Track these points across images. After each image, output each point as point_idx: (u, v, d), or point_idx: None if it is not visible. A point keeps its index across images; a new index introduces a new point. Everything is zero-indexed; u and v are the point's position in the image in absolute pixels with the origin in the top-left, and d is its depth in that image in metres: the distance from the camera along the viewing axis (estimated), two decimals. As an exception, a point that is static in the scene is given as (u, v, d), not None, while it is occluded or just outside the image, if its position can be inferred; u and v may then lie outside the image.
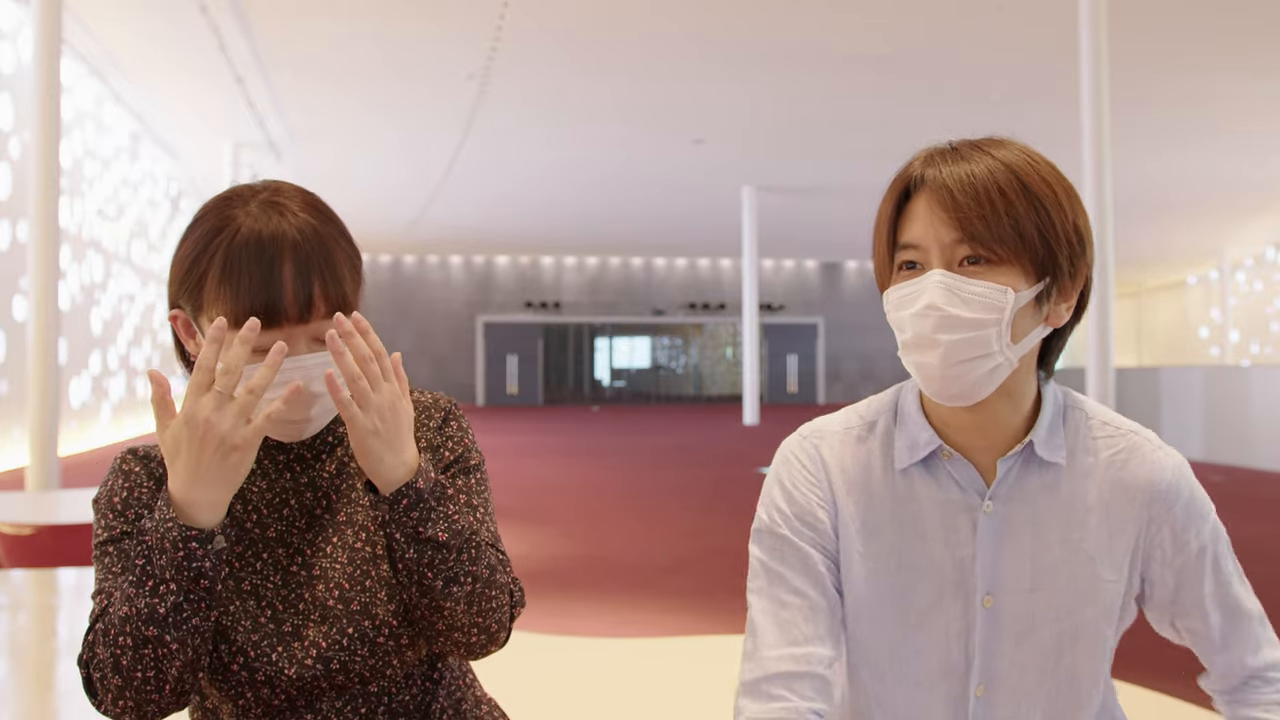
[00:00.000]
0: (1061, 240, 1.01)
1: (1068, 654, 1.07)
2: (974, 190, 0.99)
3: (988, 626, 1.07)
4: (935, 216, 1.01)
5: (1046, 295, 1.02)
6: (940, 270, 1.00)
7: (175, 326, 1.13)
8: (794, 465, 1.12)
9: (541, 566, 5.60)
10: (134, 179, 16.09)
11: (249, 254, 1.04)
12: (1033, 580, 1.06)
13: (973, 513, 1.07)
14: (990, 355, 1.00)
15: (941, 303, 0.99)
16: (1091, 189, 8.42)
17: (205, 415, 0.97)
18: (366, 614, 1.08)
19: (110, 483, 1.12)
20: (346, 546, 1.12)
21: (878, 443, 1.11)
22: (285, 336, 1.05)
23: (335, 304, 1.07)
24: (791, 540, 1.09)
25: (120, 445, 13.74)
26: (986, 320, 0.99)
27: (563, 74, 12.26)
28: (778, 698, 1.02)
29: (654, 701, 2.20)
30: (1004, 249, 0.99)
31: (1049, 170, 1.04)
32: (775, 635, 1.05)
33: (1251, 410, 11.61)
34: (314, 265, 1.06)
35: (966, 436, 1.07)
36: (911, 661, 1.08)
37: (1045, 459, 1.06)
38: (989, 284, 0.99)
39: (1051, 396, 1.09)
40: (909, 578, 1.08)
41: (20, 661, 2.42)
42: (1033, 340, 1.04)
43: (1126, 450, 1.09)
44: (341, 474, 1.16)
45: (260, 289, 1.04)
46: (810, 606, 1.07)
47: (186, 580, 0.98)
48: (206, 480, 0.98)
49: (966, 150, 1.04)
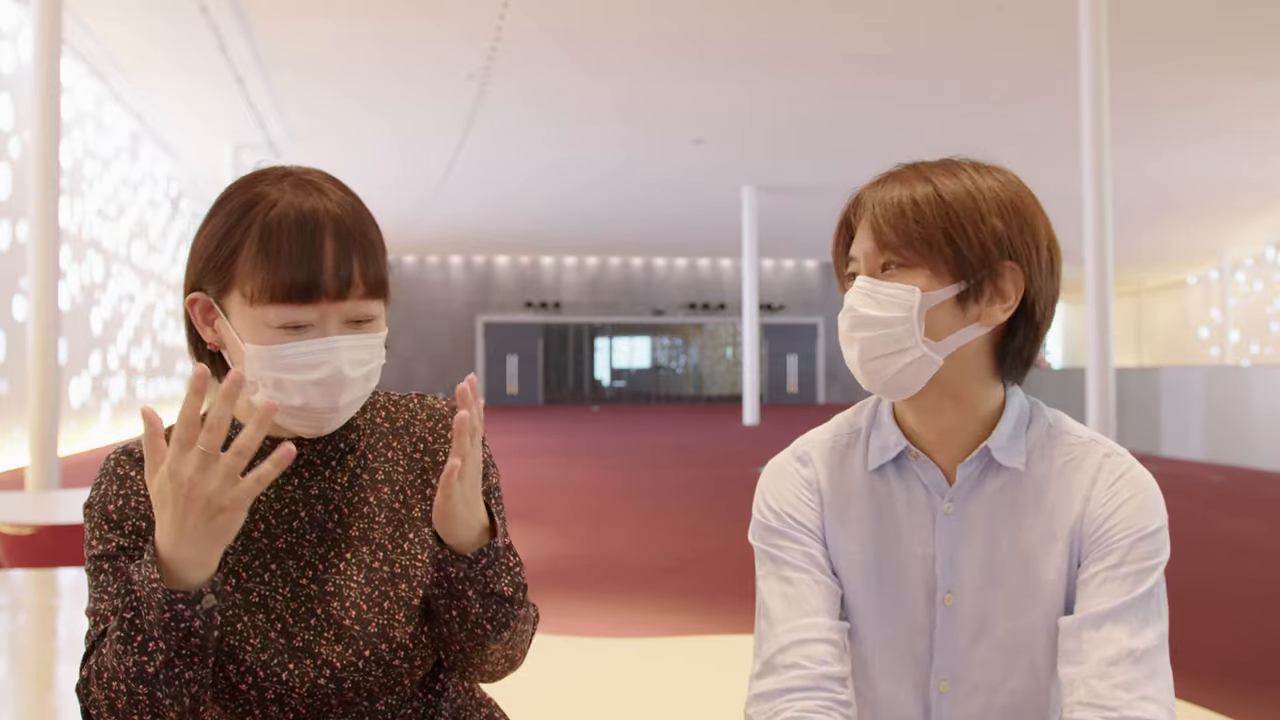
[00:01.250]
0: (973, 242, 1.07)
1: (1026, 652, 1.10)
2: (891, 205, 1.10)
3: (946, 624, 1.12)
4: (864, 232, 1.12)
5: (973, 296, 1.08)
6: (863, 276, 1.11)
7: (192, 312, 1.07)
8: (785, 473, 1.20)
9: (541, 566, 5.60)
10: (134, 179, 16.09)
11: (289, 225, 1.00)
12: (986, 579, 1.11)
13: (935, 513, 1.13)
14: (904, 350, 1.08)
15: (857, 305, 1.10)
16: (1091, 189, 8.42)
17: (189, 474, 0.90)
18: (384, 637, 1.06)
19: (104, 488, 1.06)
20: (363, 565, 1.08)
21: (860, 447, 1.18)
22: (320, 313, 1.01)
23: (373, 284, 1.04)
24: (786, 531, 1.16)
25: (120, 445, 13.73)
26: (895, 318, 1.08)
27: (562, 74, 12.26)
28: (792, 666, 1.07)
29: (654, 702, 2.20)
30: (911, 253, 1.08)
31: (987, 185, 1.09)
32: (785, 610, 1.11)
33: (1251, 410, 11.60)
34: (354, 242, 1.03)
35: (928, 439, 1.14)
36: (884, 652, 1.14)
37: (1003, 464, 1.11)
38: (898, 285, 1.08)
39: (1017, 404, 1.14)
40: (884, 573, 1.14)
41: (20, 661, 2.42)
42: (963, 339, 1.09)
43: (1079, 458, 1.12)
44: (354, 486, 1.12)
45: (301, 261, 0.99)
46: (815, 581, 1.13)
47: (176, 640, 0.93)
48: (192, 540, 0.92)
49: (906, 174, 1.12)
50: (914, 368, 1.08)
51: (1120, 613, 1.03)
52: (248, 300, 1.01)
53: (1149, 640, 1.02)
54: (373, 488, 1.12)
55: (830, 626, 1.10)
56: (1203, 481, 9.97)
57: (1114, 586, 1.05)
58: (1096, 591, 1.05)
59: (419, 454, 1.16)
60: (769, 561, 1.15)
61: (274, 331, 1.01)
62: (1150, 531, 1.07)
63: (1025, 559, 1.10)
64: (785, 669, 1.07)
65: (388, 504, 1.12)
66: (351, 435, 1.13)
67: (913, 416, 1.14)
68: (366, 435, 1.15)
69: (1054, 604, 1.10)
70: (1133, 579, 1.05)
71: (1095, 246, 8.40)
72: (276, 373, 1.01)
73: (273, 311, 1.00)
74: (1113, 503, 1.08)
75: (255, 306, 1.00)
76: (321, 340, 1.01)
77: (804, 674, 1.06)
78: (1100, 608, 1.04)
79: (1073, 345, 33.81)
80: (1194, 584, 5.10)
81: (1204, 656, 3.92)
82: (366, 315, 1.04)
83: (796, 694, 1.05)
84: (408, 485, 1.14)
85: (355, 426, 1.14)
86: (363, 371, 1.04)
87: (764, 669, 1.09)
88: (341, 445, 1.12)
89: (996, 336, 1.11)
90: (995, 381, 1.13)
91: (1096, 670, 1.01)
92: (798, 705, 1.05)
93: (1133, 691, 0.99)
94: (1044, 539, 1.10)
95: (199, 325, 1.07)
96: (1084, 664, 1.02)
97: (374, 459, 1.14)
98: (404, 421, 1.17)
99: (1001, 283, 1.09)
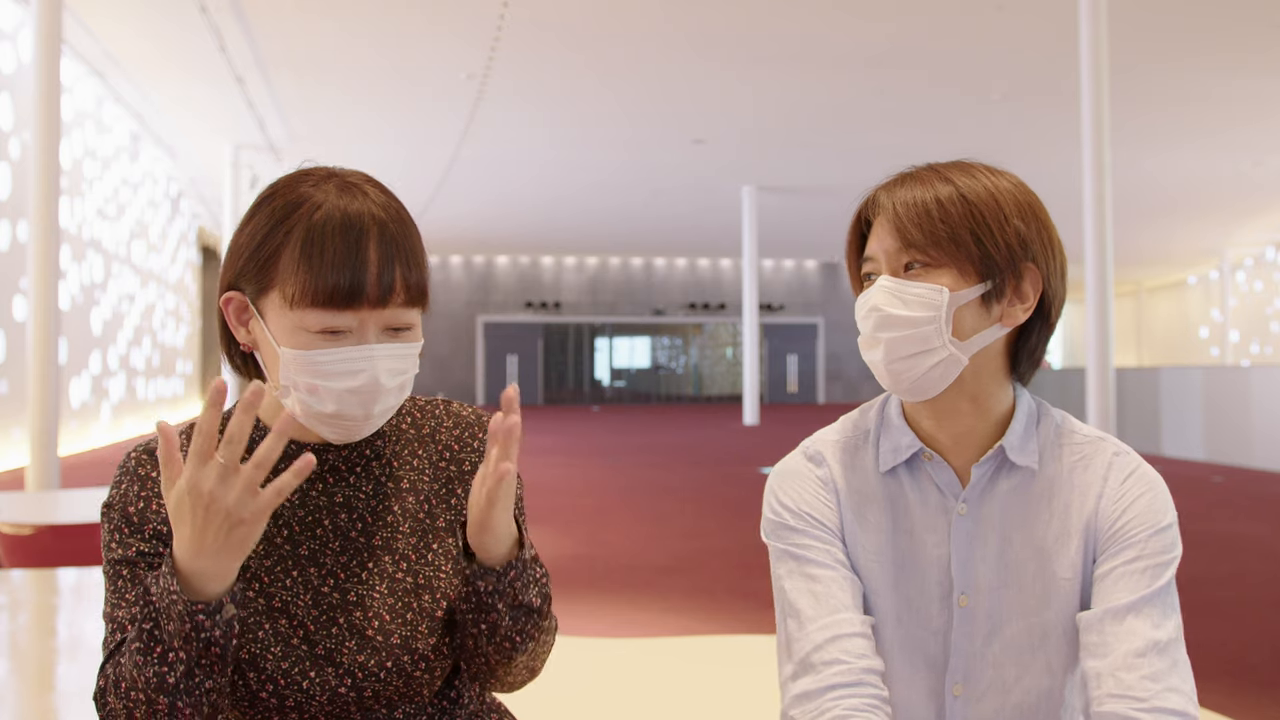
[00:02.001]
0: (999, 241, 1.08)
1: (1041, 650, 1.11)
2: (914, 205, 1.10)
3: (962, 625, 1.12)
4: (884, 231, 1.12)
5: (995, 296, 1.09)
6: (886, 276, 1.11)
7: (226, 311, 1.05)
8: (799, 472, 1.18)
9: (541, 566, 5.60)
10: (134, 179, 16.10)
11: (333, 229, 0.99)
12: (1000, 578, 1.11)
13: (949, 514, 1.13)
14: (932, 350, 1.08)
15: (882, 304, 1.09)
16: (1091, 188, 8.42)
17: (209, 488, 0.88)
18: (407, 648, 1.05)
19: (124, 488, 1.04)
20: (385, 575, 1.07)
21: (871, 448, 1.17)
22: (360, 320, 0.99)
23: (414, 292, 1.03)
24: (807, 530, 1.14)
25: (120, 446, 13.74)
26: (924, 318, 1.07)
27: (562, 74, 12.26)
28: (832, 662, 1.06)
29: (654, 702, 2.20)
30: (938, 252, 1.08)
31: (1003, 186, 1.11)
32: (815, 608, 1.09)
33: (1251, 410, 11.60)
34: (398, 249, 1.01)
35: (943, 440, 1.14)
36: (898, 655, 1.13)
37: (1017, 463, 1.12)
38: (926, 284, 1.08)
39: (1026, 403, 1.15)
40: (898, 575, 1.13)
41: (20, 661, 2.42)
42: (987, 339, 1.10)
43: (1089, 456, 1.13)
44: (379, 494, 1.10)
45: (344, 265, 0.98)
46: (842, 578, 1.11)
47: (196, 650, 0.92)
48: (211, 552, 0.91)
49: (924, 174, 1.13)
50: (941, 368, 1.08)
51: (1140, 606, 1.04)
52: (287, 303, 1.00)
53: (1169, 632, 1.04)
54: (397, 496, 1.11)
55: (862, 621, 1.09)
56: (1203, 481, 9.97)
57: (1133, 580, 1.06)
58: (1115, 586, 1.06)
59: (445, 463, 1.14)
60: (790, 560, 1.13)
61: (312, 336, 0.99)
62: (1164, 526, 1.09)
63: (1039, 557, 1.11)
64: (825, 666, 1.06)
65: (412, 514, 1.11)
66: (378, 441, 1.12)
67: (929, 417, 1.14)
68: (392, 442, 1.13)
69: (1068, 601, 1.10)
70: (1151, 573, 1.06)
71: (1095, 246, 8.40)
72: (311, 379, 1.00)
73: (312, 315, 0.99)
74: (1126, 499, 1.10)
75: (295, 310, 0.99)
76: (359, 348, 0.99)
77: (846, 669, 1.05)
78: (1121, 601, 1.05)
79: (1073, 345, 33.81)
80: (1195, 584, 5.09)
81: (1208, 656, 3.91)
82: (405, 323, 1.03)
83: (840, 690, 1.04)
84: (433, 495, 1.13)
85: (381, 433, 1.12)
86: (398, 381, 1.03)
87: (800, 669, 1.07)
88: (367, 452, 1.11)
89: (1011, 337, 1.13)
90: (1008, 382, 1.14)
91: (1123, 662, 1.02)
92: (845, 703, 1.03)
93: (1160, 682, 1.01)
94: (1058, 537, 1.11)
95: (233, 325, 1.05)
96: (1109, 657, 1.03)
97: (399, 466, 1.12)
98: (430, 429, 1.15)
99: (1023, 284, 1.10)
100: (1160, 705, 0.99)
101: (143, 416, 16.51)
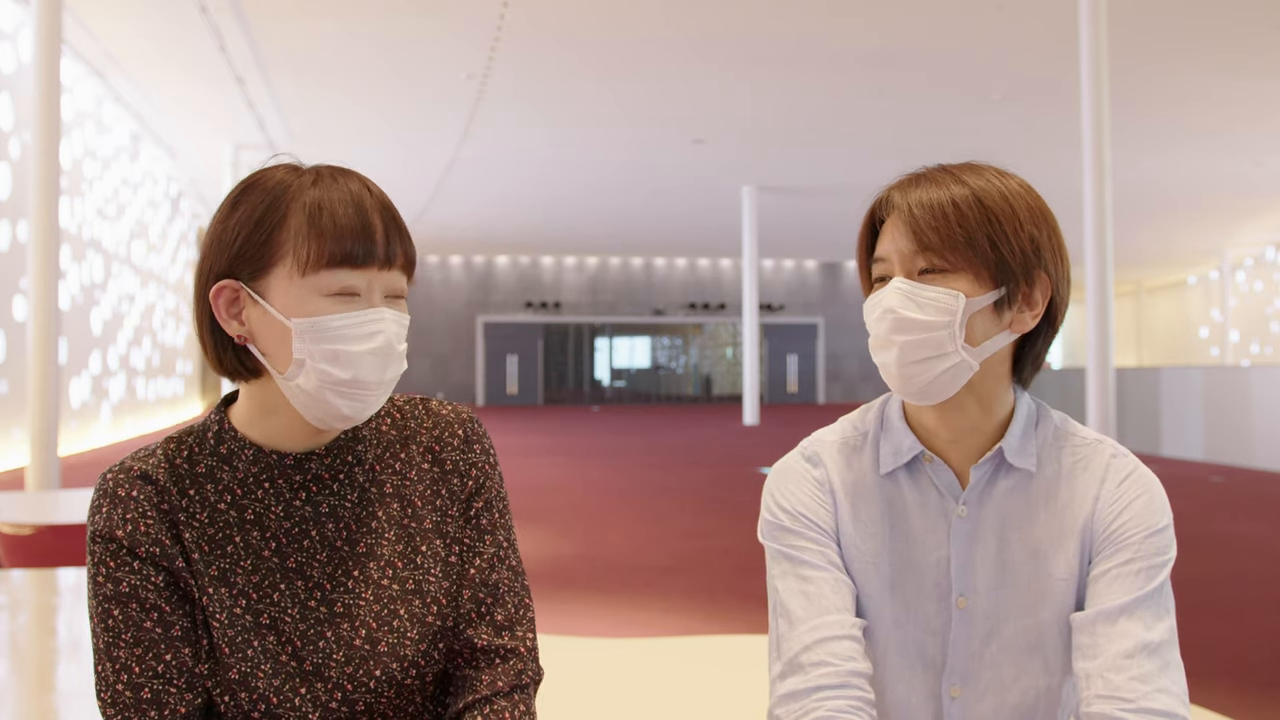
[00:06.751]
0: (1015, 249, 1.08)
1: (1038, 651, 1.11)
2: (930, 207, 1.09)
3: (961, 626, 1.12)
4: (898, 232, 1.11)
5: (1007, 303, 1.09)
6: (900, 278, 1.09)
7: (216, 302, 1.02)
8: (795, 473, 1.18)
9: (541, 566, 5.60)
10: (134, 179, 16.10)
11: (338, 196, 1.02)
12: (998, 579, 1.12)
13: (949, 516, 1.13)
14: (945, 355, 1.07)
15: (897, 306, 1.08)
16: (1091, 189, 8.42)
17: None
18: (395, 655, 1.05)
19: (106, 512, 1.01)
20: (371, 583, 1.07)
21: (870, 450, 1.17)
22: (368, 281, 1.01)
23: (408, 260, 1.06)
24: (802, 531, 1.15)
25: (121, 446, 13.74)
26: (938, 322, 1.07)
27: (562, 74, 12.26)
28: (819, 664, 1.06)
29: (653, 702, 2.20)
30: (955, 256, 1.07)
31: (1015, 190, 1.11)
32: (806, 609, 1.10)
33: (1251, 410, 11.60)
34: (392, 217, 1.04)
35: (945, 442, 1.14)
36: (896, 657, 1.14)
37: (1015, 465, 1.12)
38: (942, 289, 1.07)
39: (1025, 405, 1.16)
40: (896, 577, 1.14)
41: (20, 661, 2.42)
42: (996, 345, 1.10)
43: (1087, 458, 1.14)
44: (363, 502, 1.09)
45: (356, 226, 1.00)
46: (834, 580, 1.12)
47: None
48: None
49: (937, 175, 1.12)
50: (952, 372, 1.08)
51: (1133, 607, 1.05)
52: (300, 269, 0.99)
53: (1161, 634, 1.04)
54: (382, 502, 1.10)
55: (852, 624, 1.09)
56: (1203, 482, 9.97)
57: (1126, 582, 1.07)
58: (1109, 587, 1.07)
59: (428, 464, 1.14)
60: (784, 561, 1.14)
61: (325, 300, 1.00)
62: (1159, 528, 1.09)
63: (1036, 558, 1.11)
64: (812, 667, 1.06)
65: (397, 520, 1.10)
66: (359, 447, 1.10)
67: (933, 420, 1.14)
68: (374, 446, 1.12)
69: (1065, 602, 1.11)
70: (1145, 575, 1.07)
71: (1095, 247, 8.40)
72: (330, 344, 0.99)
73: (327, 277, 0.99)
74: (1122, 501, 1.10)
75: (309, 275, 0.99)
76: (372, 310, 1.01)
77: (832, 671, 1.05)
78: (1114, 603, 1.06)
79: (1073, 345, 33.80)
80: (1195, 584, 5.10)
81: (1208, 657, 3.91)
82: (402, 291, 1.06)
83: (826, 692, 1.05)
84: (417, 497, 1.12)
85: (362, 437, 1.11)
86: (402, 349, 1.04)
87: (788, 669, 1.08)
88: (349, 458, 1.10)
89: (1016, 341, 1.14)
90: (1010, 385, 1.15)
91: (1113, 663, 1.02)
92: (828, 704, 1.04)
93: (1149, 684, 1.01)
94: (1055, 538, 1.11)
95: (222, 319, 1.03)
96: (1099, 658, 1.04)
97: (382, 470, 1.12)
98: (411, 430, 1.15)
99: (1034, 291, 1.10)
100: (1148, 706, 1.00)
101: (143, 416, 16.52)
